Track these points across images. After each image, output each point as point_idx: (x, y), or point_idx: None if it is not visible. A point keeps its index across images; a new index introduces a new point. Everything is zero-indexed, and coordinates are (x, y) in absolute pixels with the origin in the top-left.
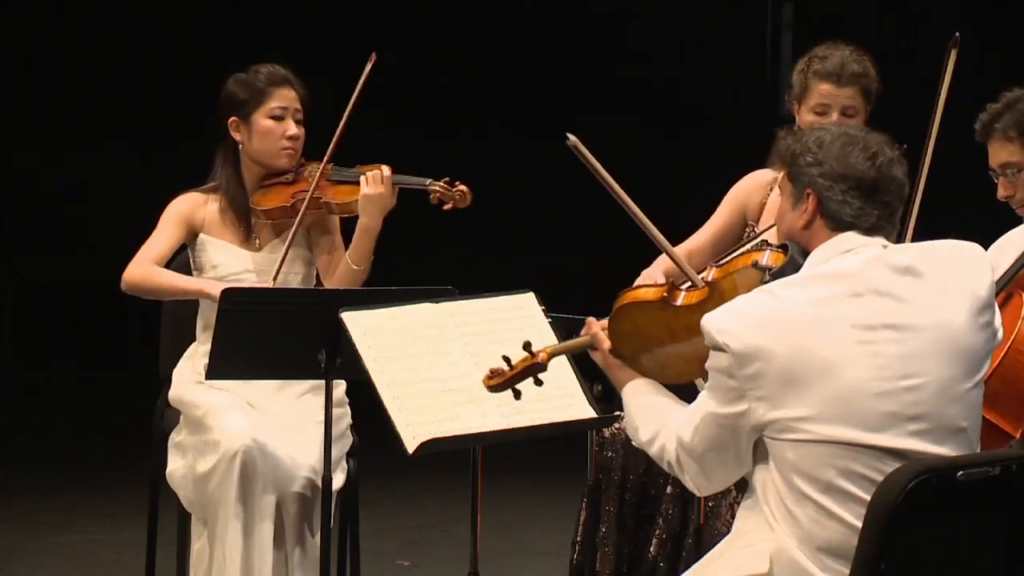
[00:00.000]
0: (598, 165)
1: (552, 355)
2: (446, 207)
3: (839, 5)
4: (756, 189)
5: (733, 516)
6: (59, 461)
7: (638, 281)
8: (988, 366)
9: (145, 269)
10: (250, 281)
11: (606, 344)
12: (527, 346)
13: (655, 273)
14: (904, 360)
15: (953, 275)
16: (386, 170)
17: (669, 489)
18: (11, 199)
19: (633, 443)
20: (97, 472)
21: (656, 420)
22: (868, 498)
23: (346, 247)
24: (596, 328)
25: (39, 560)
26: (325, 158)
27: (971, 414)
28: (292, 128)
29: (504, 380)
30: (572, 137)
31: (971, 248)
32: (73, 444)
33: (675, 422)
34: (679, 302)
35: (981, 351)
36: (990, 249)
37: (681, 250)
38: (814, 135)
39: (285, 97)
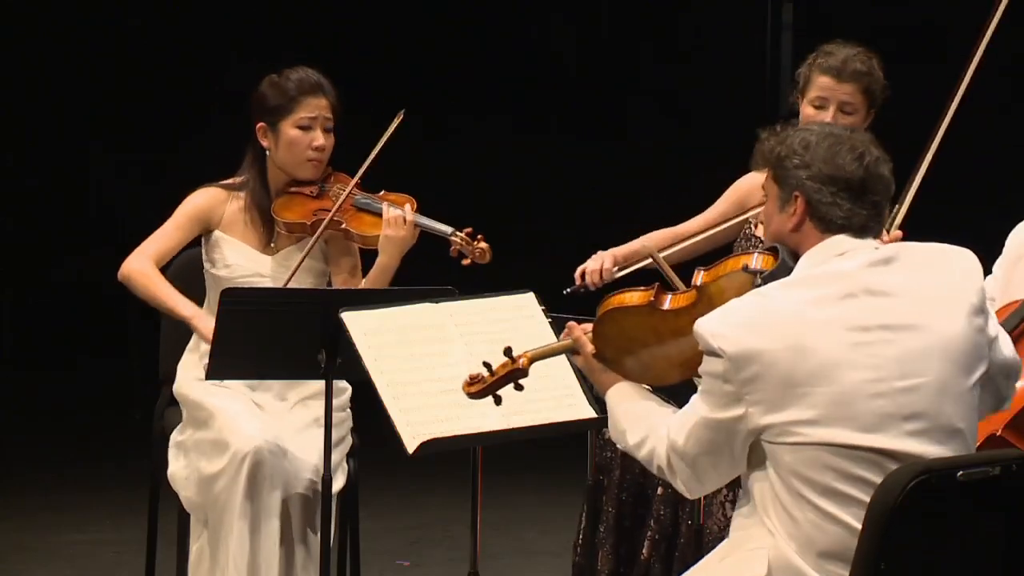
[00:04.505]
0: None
1: (533, 360)
2: (465, 262)
3: (839, 5)
4: (759, 187)
5: (724, 515)
6: (59, 461)
7: (590, 262)
8: (983, 368)
9: (142, 268)
10: (260, 284)
11: (588, 348)
12: (507, 351)
13: (605, 254)
14: (900, 361)
15: (946, 277)
16: (408, 212)
17: (660, 490)
18: (10, 199)
19: (619, 447)
20: (97, 472)
21: (644, 424)
22: (867, 500)
23: (364, 269)
24: (578, 332)
25: (39, 560)
26: (351, 184)
27: (967, 415)
28: (319, 139)
29: (485, 387)
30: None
31: (963, 253)
32: (73, 444)
33: (664, 426)
34: (666, 306)
35: (976, 353)
36: (1015, 236)
37: (669, 232)
38: (798, 136)
39: (315, 106)
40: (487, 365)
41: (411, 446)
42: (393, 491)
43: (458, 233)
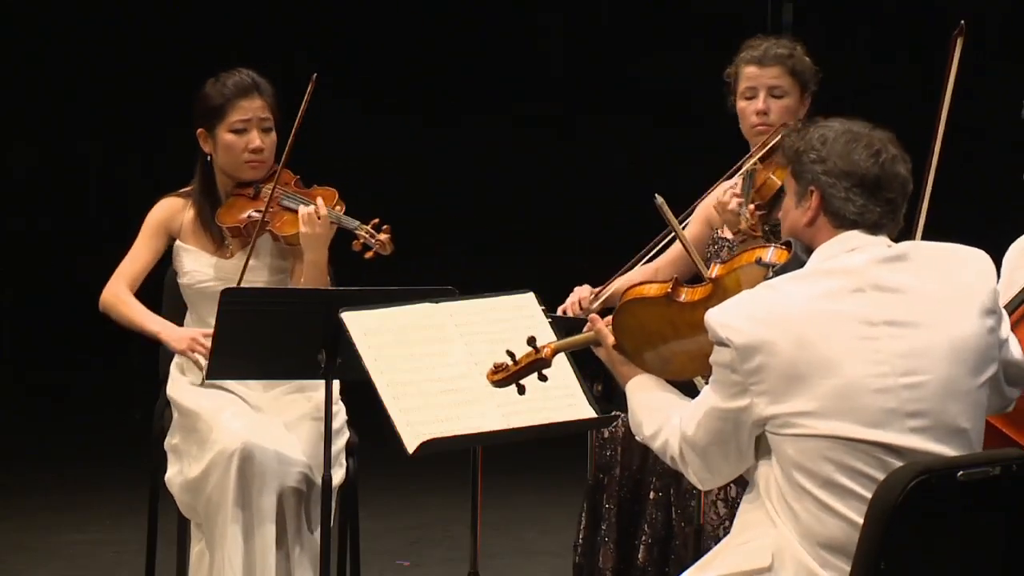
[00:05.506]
0: (676, 224)
1: (556, 351)
2: (368, 255)
3: (839, 4)
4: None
5: (717, 513)
6: (59, 461)
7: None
8: (993, 369)
9: (116, 294)
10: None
11: (610, 340)
12: (531, 341)
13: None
14: (905, 357)
15: (958, 277)
16: (322, 207)
17: (652, 495)
18: (10, 199)
19: (637, 438)
20: (97, 472)
21: (659, 416)
22: (867, 495)
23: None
24: (600, 324)
25: (39, 560)
26: (275, 183)
27: (973, 415)
28: (256, 140)
29: (508, 375)
30: (659, 198)
31: (977, 254)
32: (73, 444)
33: (678, 417)
34: (683, 298)
35: (985, 354)
36: (1011, 251)
37: (651, 267)
38: (818, 132)
39: (247, 108)
40: (511, 354)
41: (411, 446)
42: (393, 491)
43: (363, 227)
